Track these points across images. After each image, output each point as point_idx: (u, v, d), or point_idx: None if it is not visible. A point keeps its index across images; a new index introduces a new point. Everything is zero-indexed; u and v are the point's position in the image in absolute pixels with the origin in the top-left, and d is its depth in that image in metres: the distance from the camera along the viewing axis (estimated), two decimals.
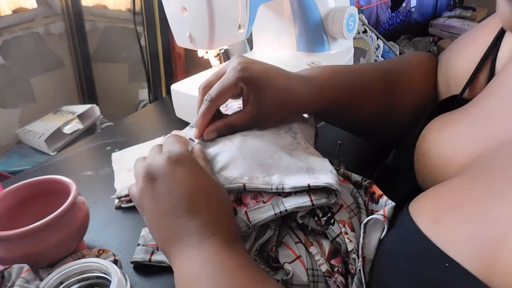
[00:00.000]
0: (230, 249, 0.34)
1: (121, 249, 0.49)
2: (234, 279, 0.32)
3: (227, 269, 0.32)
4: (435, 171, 0.40)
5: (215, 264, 0.33)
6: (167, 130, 0.40)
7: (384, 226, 0.34)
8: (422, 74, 0.55)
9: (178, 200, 0.35)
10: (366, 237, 0.35)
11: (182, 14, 0.63)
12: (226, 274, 0.32)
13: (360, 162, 0.61)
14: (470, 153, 0.36)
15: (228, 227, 0.36)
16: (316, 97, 0.47)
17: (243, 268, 0.32)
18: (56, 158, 0.71)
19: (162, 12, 0.73)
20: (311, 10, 0.77)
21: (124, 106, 1.68)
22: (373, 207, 0.40)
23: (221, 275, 0.32)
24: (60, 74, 1.68)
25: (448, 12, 1.51)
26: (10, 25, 1.47)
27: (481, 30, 0.48)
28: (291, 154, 0.42)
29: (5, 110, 1.50)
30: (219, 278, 0.32)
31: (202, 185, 0.36)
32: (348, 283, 0.37)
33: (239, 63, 0.44)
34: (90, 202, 0.54)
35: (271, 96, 0.44)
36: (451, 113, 0.43)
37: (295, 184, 0.38)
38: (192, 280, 0.33)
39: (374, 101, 0.52)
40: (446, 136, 0.40)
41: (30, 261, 0.42)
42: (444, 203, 0.31)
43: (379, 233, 0.35)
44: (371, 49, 1.12)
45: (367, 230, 0.35)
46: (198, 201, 0.35)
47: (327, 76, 0.49)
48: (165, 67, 1.38)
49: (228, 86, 0.43)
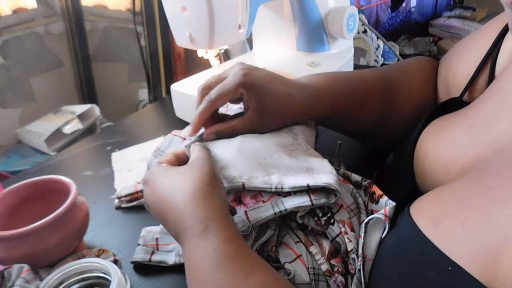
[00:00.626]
0: (202, 245, 0.33)
1: (121, 249, 0.49)
2: (210, 282, 0.31)
3: (201, 272, 0.32)
4: (434, 174, 0.40)
5: (190, 268, 0.33)
6: (167, 130, 0.40)
7: (385, 226, 0.34)
8: (422, 79, 0.55)
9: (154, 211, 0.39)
10: (367, 236, 0.35)
11: (182, 14, 0.63)
12: (202, 277, 0.32)
13: (360, 162, 0.61)
14: (470, 156, 0.36)
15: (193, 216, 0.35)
16: (315, 104, 0.47)
17: (218, 267, 0.31)
18: (56, 158, 0.71)
19: (162, 12, 0.73)
20: (311, 10, 0.77)
21: (124, 106, 1.68)
22: (373, 207, 0.40)
23: (198, 279, 0.32)
24: (60, 74, 1.68)
25: (448, 12, 1.51)
26: (10, 25, 1.47)
27: (481, 34, 0.48)
28: (291, 154, 0.42)
29: (5, 110, 1.50)
30: (197, 281, 0.32)
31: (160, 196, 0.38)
32: (348, 283, 0.37)
33: (241, 69, 0.45)
34: (90, 202, 0.54)
35: (271, 103, 0.45)
36: (450, 115, 0.43)
37: (295, 184, 0.38)
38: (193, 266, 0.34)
39: (373, 108, 0.52)
40: (445, 139, 0.40)
41: (30, 261, 0.42)
42: (445, 206, 0.31)
43: (380, 232, 0.35)
44: (371, 49, 1.12)
45: (368, 230, 0.35)
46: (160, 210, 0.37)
47: (327, 83, 0.49)
48: (165, 67, 1.38)
49: (228, 89, 0.44)
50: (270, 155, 0.41)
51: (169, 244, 0.47)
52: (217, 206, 0.35)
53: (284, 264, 0.38)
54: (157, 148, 0.52)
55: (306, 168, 0.40)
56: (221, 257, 0.31)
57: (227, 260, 0.31)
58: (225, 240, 0.33)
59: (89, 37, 1.67)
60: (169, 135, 0.52)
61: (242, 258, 0.32)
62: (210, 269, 0.31)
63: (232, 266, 0.31)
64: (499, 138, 0.34)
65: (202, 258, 0.32)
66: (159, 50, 1.36)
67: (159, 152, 0.51)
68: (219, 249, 0.32)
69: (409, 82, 0.55)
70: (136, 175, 0.62)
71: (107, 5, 1.60)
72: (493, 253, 0.24)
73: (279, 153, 0.42)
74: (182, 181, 0.37)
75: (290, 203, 0.38)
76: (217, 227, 0.33)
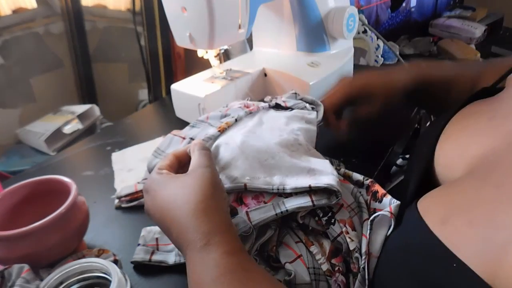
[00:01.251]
0: (204, 259, 0.33)
1: (121, 249, 0.49)
2: (230, 282, 0.31)
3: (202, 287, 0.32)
4: (451, 158, 0.39)
5: (192, 282, 0.33)
6: (167, 130, 0.40)
7: (391, 223, 0.34)
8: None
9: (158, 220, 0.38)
10: (373, 234, 0.35)
11: (182, 14, 0.63)
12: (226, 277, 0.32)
13: (361, 161, 0.61)
14: (486, 146, 0.36)
15: (197, 230, 0.34)
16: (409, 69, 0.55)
17: (219, 282, 0.31)
18: (56, 158, 0.71)
19: (162, 12, 0.73)
20: (311, 10, 0.77)
21: (124, 106, 1.68)
22: (376, 206, 0.40)
23: (221, 278, 0.32)
24: (60, 74, 1.68)
25: (448, 12, 1.51)
26: (10, 25, 1.47)
27: None
28: (292, 155, 0.42)
29: (5, 110, 1.50)
30: (216, 279, 0.32)
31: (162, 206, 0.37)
32: (349, 282, 0.37)
33: None
34: (90, 202, 0.54)
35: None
36: (479, 103, 0.43)
37: (296, 185, 0.38)
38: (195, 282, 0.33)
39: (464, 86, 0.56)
40: (467, 125, 0.40)
41: (30, 261, 0.42)
42: (453, 203, 0.31)
43: (385, 230, 0.35)
44: (371, 49, 1.12)
45: (374, 227, 0.35)
46: (163, 221, 0.37)
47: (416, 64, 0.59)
48: (165, 67, 1.38)
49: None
50: (271, 155, 0.42)
51: (169, 244, 0.47)
52: (219, 220, 0.35)
53: (284, 264, 0.38)
54: (157, 148, 0.52)
55: (308, 169, 0.40)
56: (222, 271, 0.32)
57: (228, 274, 0.31)
58: (226, 254, 0.33)
59: (89, 37, 1.67)
60: (169, 135, 0.52)
61: (244, 272, 0.32)
62: (212, 283, 0.31)
63: (234, 280, 0.31)
64: None
65: (204, 272, 0.32)
66: (159, 50, 1.36)
67: (159, 152, 0.51)
68: (221, 263, 0.32)
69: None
70: (136, 175, 0.62)
71: (107, 5, 1.60)
72: (497, 252, 0.24)
73: (281, 154, 0.42)
74: (183, 193, 0.36)
75: (291, 204, 0.38)
76: (218, 242, 0.33)
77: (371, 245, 0.35)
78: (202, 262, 0.33)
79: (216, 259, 0.32)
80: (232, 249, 0.33)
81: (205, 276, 0.32)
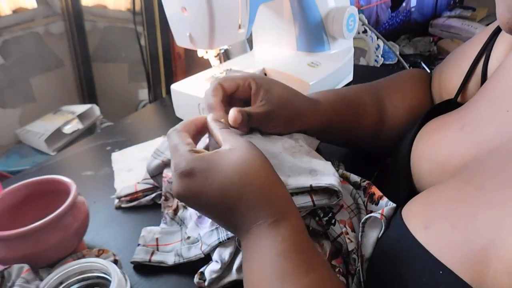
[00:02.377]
0: (272, 234, 0.32)
1: (121, 249, 0.49)
2: (273, 269, 0.31)
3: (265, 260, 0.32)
4: (431, 174, 0.40)
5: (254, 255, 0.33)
6: (167, 130, 0.40)
7: (382, 225, 0.34)
8: (413, 84, 0.58)
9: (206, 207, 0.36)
10: (365, 236, 0.35)
11: (182, 14, 0.63)
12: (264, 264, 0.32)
13: (360, 162, 0.61)
14: (464, 156, 0.36)
15: (270, 207, 0.33)
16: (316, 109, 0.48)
17: (283, 256, 0.31)
18: (56, 158, 0.71)
19: (162, 12, 0.73)
20: (311, 10, 0.77)
21: (124, 106, 1.68)
22: (372, 208, 0.40)
23: (260, 265, 0.32)
24: (60, 74, 1.68)
25: (448, 12, 1.51)
26: (10, 25, 1.48)
27: (471, 43, 0.51)
28: (294, 156, 0.42)
29: (5, 110, 1.50)
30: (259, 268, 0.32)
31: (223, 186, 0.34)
32: (349, 283, 0.37)
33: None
34: (90, 202, 0.54)
35: (278, 94, 0.45)
36: (444, 116, 0.44)
37: (298, 185, 0.38)
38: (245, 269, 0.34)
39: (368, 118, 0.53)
40: (440, 139, 0.41)
41: (30, 261, 0.42)
42: (435, 207, 0.31)
43: (377, 232, 0.35)
44: (371, 49, 1.12)
45: (366, 229, 0.35)
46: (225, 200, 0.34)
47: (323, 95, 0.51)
48: (165, 67, 1.39)
49: (237, 76, 0.45)
50: (274, 155, 0.41)
51: (169, 244, 0.47)
52: (287, 196, 0.34)
53: None
54: (157, 149, 0.52)
55: (310, 170, 0.40)
56: (288, 247, 0.31)
57: (294, 251, 0.31)
58: (294, 231, 0.32)
59: (89, 37, 1.68)
60: None
61: (307, 251, 0.32)
62: (276, 257, 0.31)
63: (298, 257, 0.31)
64: (490, 139, 0.35)
65: (269, 246, 0.32)
66: (159, 50, 1.37)
67: (158, 153, 0.51)
68: (288, 239, 0.32)
69: (401, 88, 0.57)
70: (136, 175, 0.62)
71: (107, 5, 1.61)
72: (480, 257, 0.24)
73: (283, 154, 0.42)
74: (250, 168, 0.34)
75: None
76: (288, 218, 0.33)
77: (363, 247, 0.35)
78: (269, 237, 0.32)
79: (284, 235, 0.32)
80: (299, 227, 0.33)
81: (270, 250, 0.32)
